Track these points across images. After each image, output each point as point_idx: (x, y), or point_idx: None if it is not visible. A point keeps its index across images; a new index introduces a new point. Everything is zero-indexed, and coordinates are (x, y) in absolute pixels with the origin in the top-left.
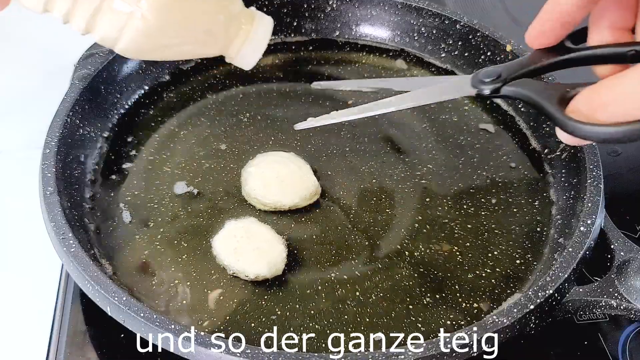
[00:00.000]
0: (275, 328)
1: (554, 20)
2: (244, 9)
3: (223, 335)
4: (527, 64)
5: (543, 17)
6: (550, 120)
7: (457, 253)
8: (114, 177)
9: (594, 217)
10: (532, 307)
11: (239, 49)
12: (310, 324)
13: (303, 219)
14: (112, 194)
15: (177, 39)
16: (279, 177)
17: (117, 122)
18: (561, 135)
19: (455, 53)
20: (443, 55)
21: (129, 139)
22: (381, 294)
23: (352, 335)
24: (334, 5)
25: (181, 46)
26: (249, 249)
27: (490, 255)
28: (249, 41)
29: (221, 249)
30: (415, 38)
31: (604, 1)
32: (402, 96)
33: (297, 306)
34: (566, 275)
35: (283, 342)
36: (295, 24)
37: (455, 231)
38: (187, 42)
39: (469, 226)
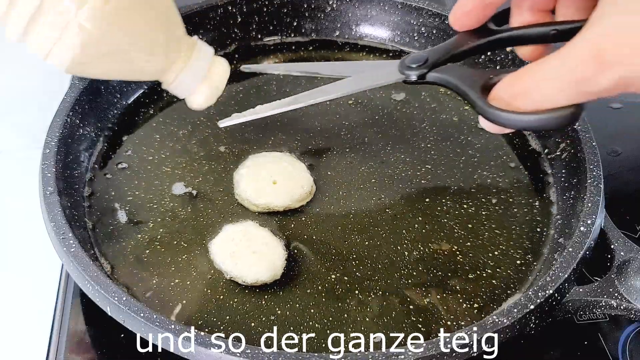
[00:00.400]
0: (275, 328)
1: (476, 1)
2: (186, 36)
3: (223, 335)
4: (453, 48)
5: None
6: (473, 108)
7: (457, 253)
8: (113, 177)
9: (594, 217)
10: (532, 307)
11: (177, 76)
12: (310, 324)
13: (303, 219)
14: (112, 194)
15: (115, 55)
16: (271, 178)
17: (116, 122)
18: (483, 123)
19: None
20: None
21: (129, 139)
22: (381, 294)
23: (352, 335)
24: (334, 6)
25: (118, 63)
26: (247, 254)
27: (490, 255)
28: (188, 67)
29: (218, 253)
30: (415, 38)
31: None
32: (331, 85)
33: (297, 306)
34: (566, 275)
35: (283, 342)
36: (295, 24)
37: (455, 231)
38: (124, 59)
39: (469, 226)
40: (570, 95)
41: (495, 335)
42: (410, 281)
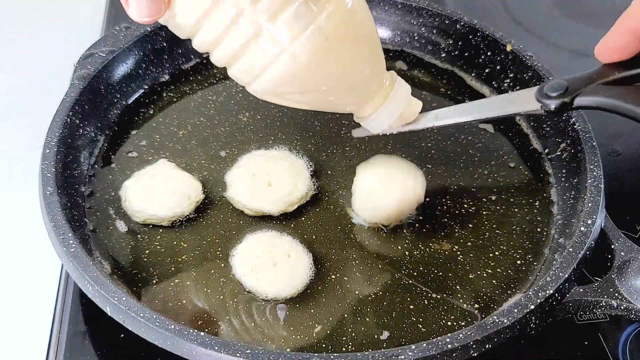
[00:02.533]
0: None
1: (630, 36)
2: (386, 71)
3: (223, 335)
4: (597, 78)
5: (620, 30)
6: None
7: (458, 253)
8: (113, 177)
9: (594, 217)
10: (532, 307)
11: (374, 111)
12: (310, 324)
13: (302, 219)
14: (112, 194)
15: (318, 85)
16: (265, 180)
17: (116, 122)
18: None
19: (456, 53)
20: (443, 55)
21: (129, 139)
22: (381, 294)
23: (352, 335)
24: None
25: (317, 94)
26: (268, 266)
27: (491, 255)
28: (386, 104)
29: (239, 265)
30: (415, 38)
31: None
32: (464, 106)
33: (297, 305)
34: (566, 276)
35: (283, 342)
36: None
37: (456, 231)
38: (325, 91)
39: (470, 226)
40: None
41: (496, 336)
42: (410, 281)
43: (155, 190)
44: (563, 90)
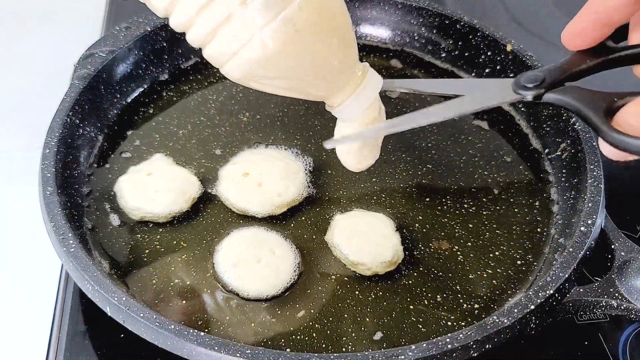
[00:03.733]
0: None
1: (595, 19)
2: (358, 62)
3: (223, 336)
4: (569, 68)
5: (585, 16)
6: (595, 132)
7: (458, 253)
8: (113, 176)
9: (594, 217)
10: (532, 307)
11: (342, 101)
12: (310, 324)
13: (303, 219)
14: (112, 194)
15: (287, 73)
16: (256, 180)
17: (116, 121)
18: (604, 148)
19: (456, 53)
20: (443, 55)
21: (129, 139)
22: (381, 294)
23: (352, 335)
24: None
25: (287, 81)
26: (252, 265)
27: (491, 255)
28: (355, 94)
29: (220, 262)
30: (415, 38)
31: None
32: (444, 105)
33: (297, 305)
34: (567, 276)
35: (284, 340)
36: None
37: (456, 231)
38: (295, 79)
39: (470, 226)
40: None
41: (496, 336)
42: (410, 281)
43: (151, 188)
44: (539, 82)
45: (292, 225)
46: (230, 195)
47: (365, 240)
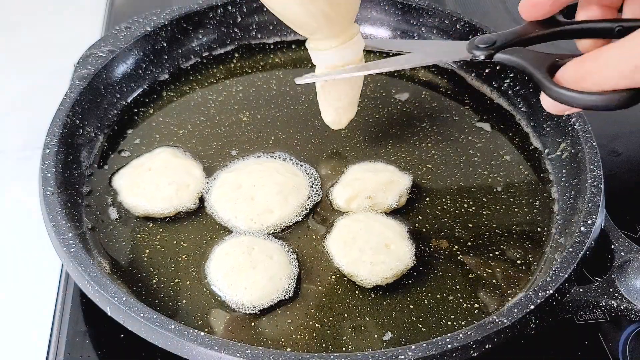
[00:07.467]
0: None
1: None
2: (354, 22)
3: (223, 335)
4: (521, 34)
5: None
6: (539, 86)
7: (458, 253)
8: (113, 177)
9: (594, 217)
10: (532, 307)
11: (326, 48)
12: (310, 323)
13: (303, 219)
14: (112, 194)
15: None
16: (249, 192)
17: (116, 121)
18: (545, 102)
19: None
20: None
21: (129, 139)
22: (381, 294)
23: (352, 334)
24: None
25: (295, 5)
26: (245, 276)
27: (491, 255)
28: (339, 49)
29: (214, 271)
30: (416, 38)
31: None
32: (403, 57)
33: (298, 305)
34: (566, 275)
35: (284, 340)
36: None
37: (456, 231)
38: (301, 2)
39: (470, 225)
40: (630, 80)
41: (496, 336)
42: (410, 281)
43: (152, 183)
44: (491, 44)
45: (293, 226)
46: (218, 205)
47: (363, 250)
